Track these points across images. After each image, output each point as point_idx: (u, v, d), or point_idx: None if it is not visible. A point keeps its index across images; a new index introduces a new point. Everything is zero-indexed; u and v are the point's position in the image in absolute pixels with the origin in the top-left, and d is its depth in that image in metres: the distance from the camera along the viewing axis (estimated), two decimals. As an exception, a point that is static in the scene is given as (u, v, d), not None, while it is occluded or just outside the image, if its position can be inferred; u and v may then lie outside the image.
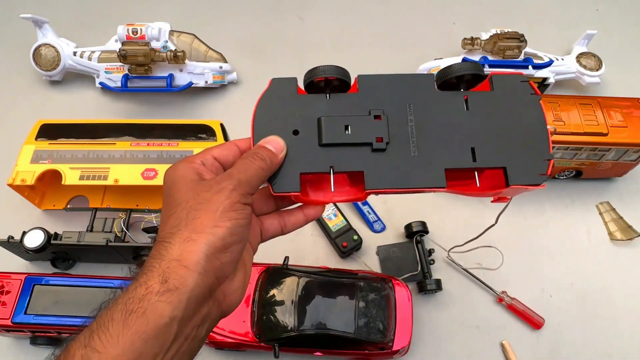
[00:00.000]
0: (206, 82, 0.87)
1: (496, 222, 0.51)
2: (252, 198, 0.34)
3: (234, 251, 0.32)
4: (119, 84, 0.85)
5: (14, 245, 0.66)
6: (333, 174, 0.37)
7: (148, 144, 0.72)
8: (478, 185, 0.38)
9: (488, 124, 0.38)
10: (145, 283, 0.29)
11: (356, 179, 0.38)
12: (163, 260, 0.30)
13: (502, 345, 0.67)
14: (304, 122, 0.37)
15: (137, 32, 0.81)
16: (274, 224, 0.38)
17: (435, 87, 0.40)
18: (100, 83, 0.87)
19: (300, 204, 0.39)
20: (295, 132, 0.37)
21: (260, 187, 0.36)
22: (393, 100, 0.39)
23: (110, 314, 0.28)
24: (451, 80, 0.39)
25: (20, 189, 0.70)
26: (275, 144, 0.36)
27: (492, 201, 0.41)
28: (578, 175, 0.79)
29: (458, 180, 0.39)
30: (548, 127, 0.38)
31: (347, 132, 0.37)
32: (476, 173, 0.38)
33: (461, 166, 0.38)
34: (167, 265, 0.29)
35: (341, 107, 0.38)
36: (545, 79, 0.86)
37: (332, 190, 0.37)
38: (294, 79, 0.38)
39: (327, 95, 0.38)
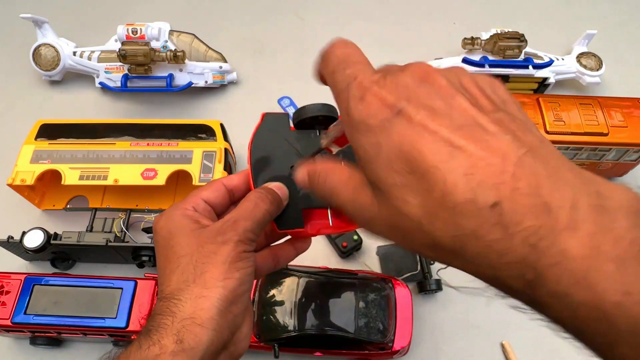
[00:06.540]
0: (206, 82, 0.87)
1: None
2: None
3: (244, 300, 0.32)
4: (119, 84, 0.85)
5: (14, 245, 0.66)
6: (330, 208, 0.37)
7: (148, 144, 0.72)
8: None
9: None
10: (158, 342, 0.29)
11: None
12: (175, 318, 0.29)
13: (502, 346, 0.67)
14: (299, 157, 0.38)
15: (137, 32, 0.81)
16: (268, 261, 0.38)
17: None
18: (100, 83, 0.87)
19: (289, 237, 0.39)
20: (292, 168, 0.37)
21: None
22: None
23: None
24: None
25: (20, 189, 0.70)
26: (281, 189, 0.36)
27: None
28: (578, 175, 0.79)
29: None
30: None
31: None
32: None
33: None
34: (182, 325, 0.29)
35: None
36: (545, 78, 0.86)
37: (331, 224, 0.37)
38: (286, 115, 0.40)
39: (318, 131, 0.39)
